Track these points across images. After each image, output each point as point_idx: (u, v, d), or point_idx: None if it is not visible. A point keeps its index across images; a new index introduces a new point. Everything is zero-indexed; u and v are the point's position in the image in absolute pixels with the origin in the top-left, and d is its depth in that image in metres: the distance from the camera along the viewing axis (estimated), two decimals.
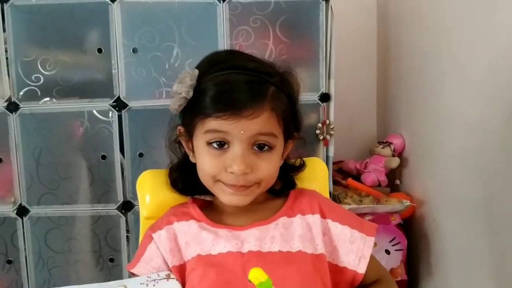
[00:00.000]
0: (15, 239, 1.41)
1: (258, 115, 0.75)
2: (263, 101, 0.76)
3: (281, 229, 0.80)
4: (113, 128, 1.36)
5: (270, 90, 0.78)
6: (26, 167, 1.37)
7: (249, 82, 0.77)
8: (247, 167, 0.76)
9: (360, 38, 1.77)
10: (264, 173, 0.78)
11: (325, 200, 0.87)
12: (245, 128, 0.75)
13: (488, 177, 1.10)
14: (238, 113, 0.74)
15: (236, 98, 0.75)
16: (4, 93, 1.35)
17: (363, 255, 0.81)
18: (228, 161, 0.76)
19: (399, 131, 1.61)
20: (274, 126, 0.78)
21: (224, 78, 0.77)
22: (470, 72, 1.17)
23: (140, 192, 0.93)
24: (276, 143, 0.79)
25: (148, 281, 0.74)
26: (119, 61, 1.34)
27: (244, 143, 0.76)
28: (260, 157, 0.77)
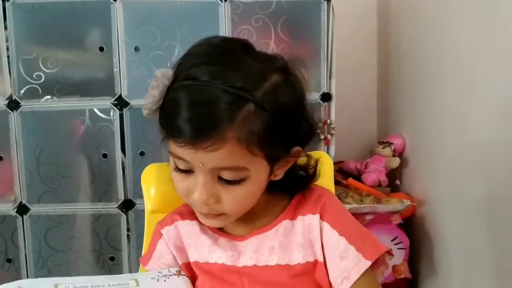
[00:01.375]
0: (15, 238, 1.40)
1: (217, 147, 0.62)
2: (225, 129, 0.62)
3: (281, 236, 0.73)
4: (114, 126, 1.36)
5: (241, 112, 0.63)
6: (27, 165, 1.37)
7: (212, 103, 0.63)
8: (209, 197, 0.67)
9: (360, 38, 1.78)
10: (228, 207, 0.69)
11: (332, 202, 0.76)
12: (204, 161, 0.64)
13: (488, 177, 1.11)
14: (194, 143, 0.63)
15: (192, 125, 0.62)
16: (5, 91, 1.35)
17: (348, 277, 0.69)
18: (191, 187, 0.68)
19: (399, 131, 1.61)
20: (241, 158, 0.64)
21: (187, 94, 0.64)
22: (471, 72, 1.17)
23: (145, 185, 0.92)
24: (249, 174, 0.67)
25: (159, 276, 0.73)
26: (121, 60, 1.34)
27: (206, 175, 0.66)
28: (227, 189, 0.67)
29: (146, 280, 0.72)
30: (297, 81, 0.70)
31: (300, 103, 0.70)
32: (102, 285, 0.68)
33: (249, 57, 0.68)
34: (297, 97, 0.69)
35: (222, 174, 0.66)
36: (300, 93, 0.70)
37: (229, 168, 0.65)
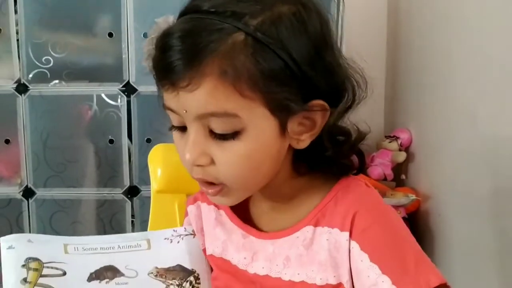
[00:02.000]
0: (20, 221, 1.41)
1: (196, 86, 0.51)
2: (203, 62, 0.50)
3: (300, 247, 0.58)
4: (121, 112, 1.36)
5: (225, 42, 0.50)
6: (34, 149, 1.38)
7: (195, 34, 0.51)
8: (199, 156, 0.54)
9: (370, 31, 1.77)
10: (223, 171, 0.54)
11: (369, 211, 0.57)
12: (186, 106, 0.52)
13: (495, 173, 1.10)
14: (173, 83, 0.52)
15: (168, 59, 0.52)
16: (14, 74, 1.35)
17: None
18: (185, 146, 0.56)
19: (406, 125, 1.61)
20: (228, 100, 0.51)
21: (175, 28, 0.53)
22: (480, 67, 1.17)
23: (151, 165, 0.92)
24: (244, 126, 0.52)
25: (173, 236, 0.69)
26: (130, 46, 1.34)
27: (195, 125, 0.53)
28: (221, 146, 0.54)
29: (158, 241, 0.69)
30: (315, 19, 0.55)
31: (316, 46, 0.54)
32: (112, 247, 0.66)
33: None
34: (310, 38, 0.53)
35: (210, 124, 0.53)
36: (318, 34, 0.55)
37: (215, 114, 0.52)
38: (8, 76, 1.35)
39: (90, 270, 0.63)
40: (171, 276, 0.66)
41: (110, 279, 0.63)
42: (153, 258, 0.67)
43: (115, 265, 0.65)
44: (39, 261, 0.62)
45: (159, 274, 0.66)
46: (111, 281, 0.63)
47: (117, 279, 0.63)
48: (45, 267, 0.61)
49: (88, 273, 0.63)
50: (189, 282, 0.66)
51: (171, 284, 0.65)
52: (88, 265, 0.64)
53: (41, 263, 0.61)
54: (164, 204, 0.83)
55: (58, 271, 0.62)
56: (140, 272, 0.65)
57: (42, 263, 0.61)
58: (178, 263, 0.67)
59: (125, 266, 0.65)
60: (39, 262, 0.61)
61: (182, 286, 0.65)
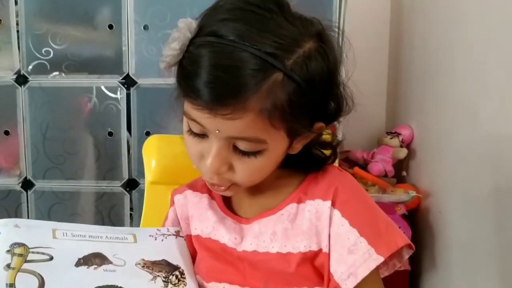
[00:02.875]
0: (19, 212, 1.41)
1: (237, 116, 0.57)
2: (248, 98, 0.56)
3: (285, 222, 0.67)
4: (121, 105, 1.36)
5: (267, 82, 0.57)
6: (33, 141, 1.38)
7: (237, 68, 0.57)
8: (221, 166, 0.62)
9: (373, 26, 1.75)
10: (240, 178, 0.64)
11: (347, 187, 0.68)
12: (221, 128, 0.59)
13: (496, 171, 1.09)
14: (212, 108, 0.57)
15: (212, 89, 0.57)
16: (14, 65, 1.35)
17: (355, 273, 0.62)
18: (204, 151, 0.63)
19: (408, 122, 1.60)
20: (261, 130, 0.59)
21: (210, 54, 0.58)
22: (482, 65, 1.16)
23: (146, 156, 0.92)
24: (267, 147, 0.61)
25: (158, 234, 0.72)
26: (130, 38, 1.33)
27: (221, 142, 0.61)
28: (242, 159, 0.62)
29: (144, 237, 0.70)
30: (332, 51, 0.63)
31: (332, 76, 0.63)
32: (100, 236, 0.67)
33: (283, 18, 0.60)
34: (330, 69, 0.62)
35: (238, 144, 0.61)
36: (334, 65, 0.63)
37: (246, 139, 0.60)
38: (8, 67, 1.35)
39: (78, 256, 0.63)
40: (158, 269, 0.66)
41: (98, 266, 0.63)
42: (139, 251, 0.68)
43: (103, 253, 0.65)
44: (25, 246, 0.61)
45: (146, 266, 0.66)
46: (99, 268, 0.63)
47: (105, 266, 0.63)
48: (31, 252, 0.61)
49: (76, 258, 0.63)
50: (175, 276, 0.66)
51: (158, 276, 0.65)
52: (76, 251, 0.64)
53: (27, 248, 0.61)
54: (158, 196, 0.83)
55: (44, 256, 0.61)
56: (128, 262, 0.65)
57: (27, 248, 0.61)
58: (164, 258, 0.68)
59: (113, 255, 0.65)
60: (25, 247, 0.61)
61: (168, 278, 0.65)
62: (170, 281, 0.65)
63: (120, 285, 0.62)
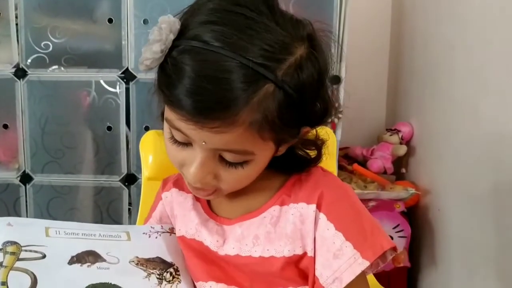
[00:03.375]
0: (18, 206, 1.41)
1: (225, 130, 0.54)
2: (238, 112, 0.53)
3: (268, 225, 0.65)
4: (120, 99, 1.36)
5: (258, 94, 0.54)
6: (32, 135, 1.37)
7: (225, 81, 0.53)
8: (206, 175, 0.60)
9: (374, 23, 1.75)
10: (225, 186, 0.62)
11: (332, 190, 0.65)
12: (207, 140, 0.56)
13: (496, 168, 1.09)
14: (199, 121, 0.54)
15: (198, 101, 0.53)
16: (13, 59, 1.35)
17: (340, 278, 0.61)
18: (187, 160, 0.60)
19: (408, 119, 1.60)
20: (249, 142, 0.57)
21: (194, 62, 0.54)
22: (483, 63, 1.15)
23: (143, 152, 0.92)
24: (254, 158, 0.59)
25: (151, 231, 0.72)
26: (129, 32, 1.33)
27: (206, 153, 0.58)
28: (227, 170, 0.60)
29: (138, 234, 0.70)
30: (322, 55, 0.60)
31: (320, 80, 0.59)
32: (93, 234, 0.66)
33: (272, 20, 0.56)
34: (319, 73, 0.59)
35: (224, 155, 0.58)
36: (323, 68, 0.60)
37: (234, 151, 0.58)
38: (6, 61, 1.35)
39: (71, 254, 0.62)
40: (152, 266, 0.66)
41: (91, 263, 0.63)
42: (133, 249, 0.67)
43: (96, 251, 0.64)
44: (17, 244, 0.61)
45: (140, 263, 0.65)
46: (92, 265, 0.62)
47: (98, 264, 0.63)
48: (24, 250, 0.60)
49: (69, 256, 0.62)
50: (169, 273, 0.66)
51: (152, 273, 0.65)
52: (69, 249, 0.63)
53: (19, 247, 0.61)
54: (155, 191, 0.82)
55: (37, 254, 0.61)
56: (121, 260, 0.65)
57: (20, 247, 0.61)
58: (158, 255, 0.68)
59: (106, 253, 0.64)
60: (17, 245, 0.61)
61: (162, 275, 0.65)
62: (165, 278, 0.65)
63: (114, 282, 0.62)
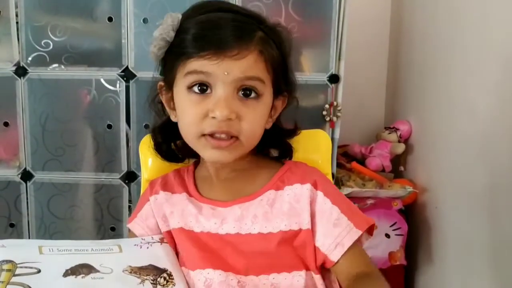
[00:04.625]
0: (19, 203, 1.42)
1: (243, 56, 0.68)
2: (249, 41, 0.69)
3: (265, 206, 0.74)
4: (120, 98, 1.36)
5: (257, 33, 0.72)
6: (32, 132, 1.38)
7: (235, 21, 0.71)
8: (231, 112, 0.69)
9: (373, 21, 1.75)
10: (248, 123, 0.71)
11: (322, 177, 0.79)
12: (229, 69, 0.68)
13: (493, 167, 1.10)
14: (221, 52, 0.67)
15: (220, 35, 0.68)
16: (13, 57, 1.35)
17: (342, 243, 0.71)
18: (210, 105, 0.69)
19: (406, 117, 1.60)
20: (262, 70, 0.71)
21: (208, 17, 0.71)
22: (480, 61, 1.16)
23: (142, 154, 0.93)
24: (264, 91, 0.72)
25: (142, 243, 0.74)
26: (129, 31, 1.33)
27: (228, 87, 0.69)
28: (246, 104, 0.70)
29: (129, 246, 0.73)
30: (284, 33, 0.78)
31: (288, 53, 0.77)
32: (86, 249, 0.69)
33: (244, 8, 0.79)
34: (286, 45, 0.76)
35: (245, 83, 0.70)
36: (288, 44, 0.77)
37: (252, 78, 0.70)
38: (7, 59, 1.35)
39: (65, 267, 0.65)
40: (145, 273, 0.68)
41: (86, 275, 0.64)
42: (126, 259, 0.70)
43: (90, 263, 0.66)
44: (13, 262, 0.63)
45: (133, 271, 0.67)
46: (86, 276, 0.64)
47: (92, 275, 0.65)
48: (19, 267, 0.63)
49: (64, 270, 0.64)
50: (163, 278, 0.68)
51: (146, 279, 0.66)
52: (63, 263, 0.65)
53: (15, 264, 0.63)
54: None
55: (32, 269, 0.63)
56: (115, 269, 0.67)
57: (15, 264, 0.63)
58: (150, 263, 0.70)
59: (99, 265, 0.67)
60: (13, 263, 0.63)
61: (156, 280, 0.67)
62: (159, 282, 0.67)
63: None
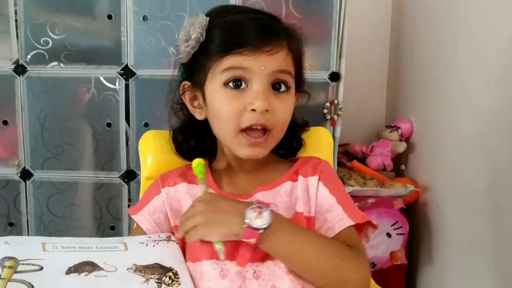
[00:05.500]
0: (18, 202, 1.42)
1: (277, 51, 0.74)
2: (281, 38, 0.76)
3: (284, 196, 0.78)
4: (119, 96, 1.35)
5: (283, 31, 0.78)
6: (31, 131, 1.37)
7: (262, 20, 0.77)
8: (268, 104, 0.74)
9: (374, 19, 1.74)
10: (281, 115, 0.76)
11: (329, 169, 0.84)
12: (265, 64, 0.73)
13: (495, 166, 1.09)
14: (258, 48, 0.73)
15: (253, 33, 0.74)
16: (12, 55, 1.34)
17: (332, 228, 0.75)
18: (248, 99, 0.74)
19: (408, 116, 1.59)
20: (291, 65, 0.77)
21: (239, 18, 0.77)
22: (482, 59, 1.15)
23: (142, 152, 0.92)
24: (292, 85, 0.78)
25: (149, 241, 0.73)
26: (129, 29, 1.32)
27: (264, 80, 0.74)
28: (278, 97, 0.76)
29: (135, 244, 0.71)
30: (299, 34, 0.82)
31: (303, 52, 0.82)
32: (90, 247, 0.68)
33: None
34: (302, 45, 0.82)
35: (278, 76, 0.75)
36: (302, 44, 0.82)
37: (284, 71, 0.75)
38: (6, 57, 1.35)
39: (68, 265, 0.64)
40: (150, 272, 0.67)
41: (89, 272, 0.64)
42: (131, 257, 0.69)
43: (93, 261, 0.65)
44: (15, 259, 0.63)
45: (138, 270, 0.66)
46: (90, 274, 0.63)
47: (96, 272, 0.64)
48: (21, 264, 0.62)
49: (67, 267, 0.63)
50: (169, 277, 0.67)
51: (150, 278, 0.65)
52: (66, 261, 0.64)
53: (17, 261, 0.62)
54: None
55: (34, 266, 0.62)
56: (119, 268, 0.65)
57: (17, 261, 0.62)
58: (156, 262, 0.69)
59: (103, 262, 0.66)
60: (15, 260, 0.62)
61: (161, 279, 0.66)
62: (164, 281, 0.66)
63: None
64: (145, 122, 1.36)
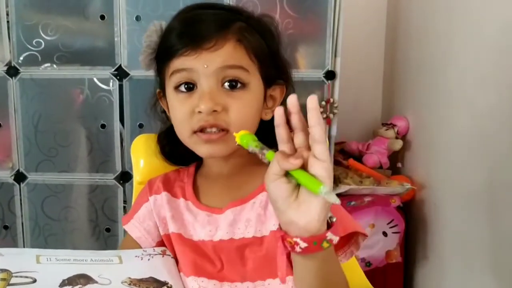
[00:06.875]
0: (12, 205, 1.41)
1: (220, 46, 0.69)
2: (226, 31, 0.70)
3: (258, 208, 0.73)
4: (113, 97, 1.34)
5: (235, 24, 0.72)
6: (25, 133, 1.36)
7: (214, 15, 0.73)
8: (215, 104, 0.68)
9: (369, 18, 1.74)
10: (236, 114, 0.70)
11: None
12: (208, 62, 0.69)
13: (491, 163, 1.09)
14: (198, 46, 0.69)
15: (195, 30, 0.70)
16: (5, 57, 1.33)
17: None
18: (195, 101, 0.70)
19: (404, 113, 1.59)
20: (243, 59, 0.71)
21: (186, 16, 0.73)
22: (478, 56, 1.15)
23: (134, 156, 0.91)
24: (250, 80, 0.71)
25: (144, 254, 0.73)
26: (122, 29, 1.31)
27: (211, 79, 0.69)
28: (232, 95, 0.70)
29: (129, 257, 0.71)
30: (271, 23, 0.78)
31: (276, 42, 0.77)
32: (85, 260, 0.67)
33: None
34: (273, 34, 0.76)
35: (227, 73, 0.69)
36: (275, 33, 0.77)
37: (232, 66, 0.69)
38: None
39: (62, 277, 0.63)
40: (145, 285, 0.66)
41: (83, 285, 0.62)
42: (125, 270, 0.68)
43: (88, 274, 0.64)
44: (8, 271, 0.62)
45: (132, 283, 0.65)
46: (84, 287, 0.62)
47: (90, 285, 0.63)
48: (14, 276, 0.61)
49: (61, 280, 0.62)
50: None
51: None
52: (60, 273, 0.64)
53: (10, 273, 0.61)
54: None
55: (27, 279, 0.61)
56: (114, 281, 0.65)
57: (10, 273, 0.61)
58: (151, 275, 0.68)
59: (98, 275, 0.65)
60: (8, 272, 0.61)
61: None
62: None
63: None
64: (140, 123, 1.35)
